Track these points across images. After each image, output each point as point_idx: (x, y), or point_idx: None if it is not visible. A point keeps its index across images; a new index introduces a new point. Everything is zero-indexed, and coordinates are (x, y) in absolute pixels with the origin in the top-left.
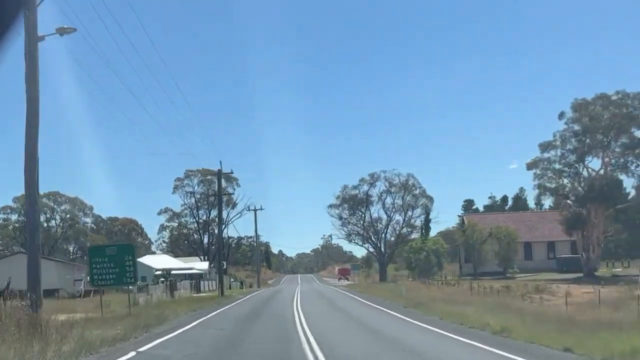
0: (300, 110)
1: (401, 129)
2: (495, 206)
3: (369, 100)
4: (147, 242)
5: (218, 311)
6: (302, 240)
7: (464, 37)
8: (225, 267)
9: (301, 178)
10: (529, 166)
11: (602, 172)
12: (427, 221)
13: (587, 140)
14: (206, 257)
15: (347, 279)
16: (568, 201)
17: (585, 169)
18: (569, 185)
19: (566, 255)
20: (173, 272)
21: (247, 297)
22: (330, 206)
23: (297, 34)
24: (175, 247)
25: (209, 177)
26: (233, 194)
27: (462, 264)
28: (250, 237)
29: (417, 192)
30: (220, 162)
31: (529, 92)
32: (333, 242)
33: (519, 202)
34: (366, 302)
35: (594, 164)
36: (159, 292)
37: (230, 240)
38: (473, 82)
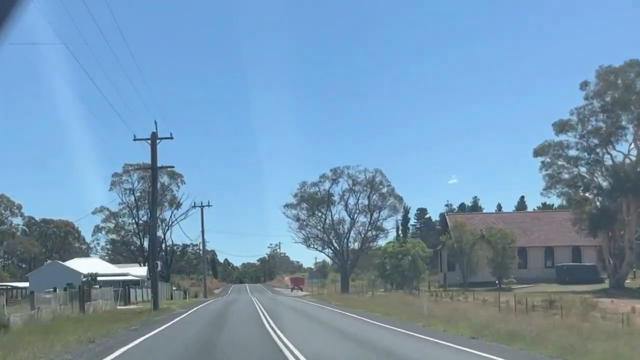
0: None
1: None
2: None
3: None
4: (84, 246)
5: (137, 342)
6: (249, 249)
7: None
8: (166, 273)
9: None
10: (537, 152)
11: (634, 156)
12: (406, 221)
13: (614, 119)
14: (146, 263)
15: (301, 289)
16: (587, 194)
17: (608, 155)
18: (586, 175)
19: (569, 263)
20: (103, 278)
21: (191, 310)
22: (287, 206)
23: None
24: (117, 254)
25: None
26: (169, 185)
27: (445, 272)
28: (196, 244)
29: (384, 190)
30: (155, 122)
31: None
32: (281, 250)
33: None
34: (382, 324)
35: (621, 147)
36: (58, 304)
37: (175, 247)
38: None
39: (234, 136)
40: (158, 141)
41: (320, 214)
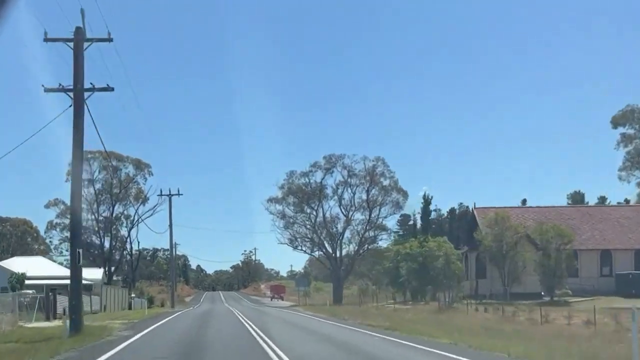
0: None
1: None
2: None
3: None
4: (43, 247)
5: None
6: (223, 255)
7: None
8: (130, 278)
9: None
10: (616, 121)
11: None
12: (427, 214)
13: None
14: (108, 267)
15: (282, 298)
16: None
17: None
18: None
19: (634, 271)
20: (38, 281)
21: (140, 334)
22: (271, 200)
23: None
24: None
25: (114, 163)
26: (134, 177)
27: (474, 279)
28: (167, 249)
29: (386, 183)
30: (82, 11)
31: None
32: (257, 257)
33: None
34: None
35: None
36: None
37: (145, 251)
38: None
39: (213, 125)
40: (87, 44)
41: (309, 210)
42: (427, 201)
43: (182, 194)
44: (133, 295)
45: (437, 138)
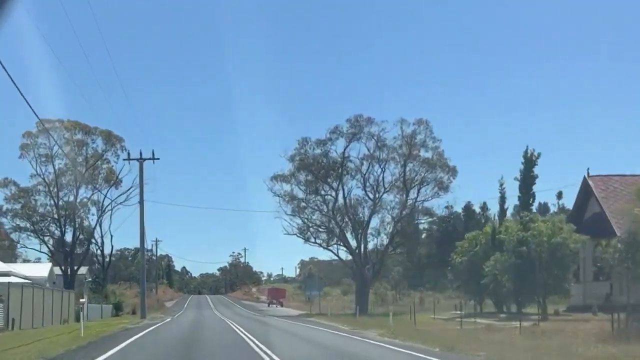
0: None
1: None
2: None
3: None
4: (6, 242)
5: None
6: (208, 256)
7: None
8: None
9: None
10: None
11: None
12: (528, 181)
13: None
14: (71, 264)
15: (282, 304)
16: None
17: None
18: None
19: None
20: None
21: None
22: (276, 178)
23: None
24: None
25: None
26: (103, 153)
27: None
28: (153, 253)
29: (429, 155)
30: None
31: None
32: (245, 259)
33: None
34: None
35: None
36: None
37: (126, 251)
38: None
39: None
40: None
41: (327, 190)
42: (530, 160)
43: (158, 158)
44: (83, 300)
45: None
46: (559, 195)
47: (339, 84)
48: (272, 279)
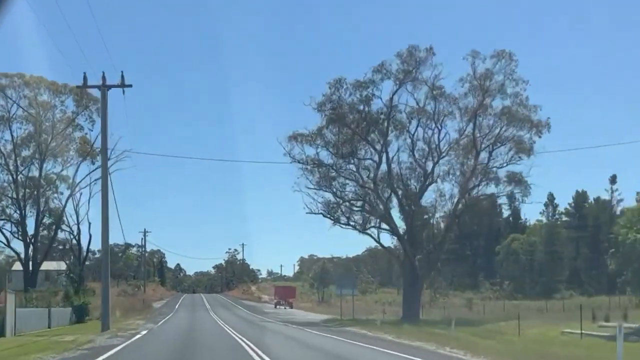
0: None
1: None
2: None
3: None
4: None
5: None
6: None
7: None
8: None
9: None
10: None
11: None
12: None
13: None
14: (33, 252)
15: (291, 305)
16: None
17: None
18: None
19: None
20: None
21: None
22: (295, 138)
23: None
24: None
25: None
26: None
27: None
28: (141, 245)
29: (510, 103)
30: None
31: None
32: (242, 256)
33: None
34: None
35: None
36: None
37: (116, 247)
38: None
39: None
40: None
41: (363, 154)
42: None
43: (130, 85)
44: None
45: None
46: None
47: None
48: (276, 276)
